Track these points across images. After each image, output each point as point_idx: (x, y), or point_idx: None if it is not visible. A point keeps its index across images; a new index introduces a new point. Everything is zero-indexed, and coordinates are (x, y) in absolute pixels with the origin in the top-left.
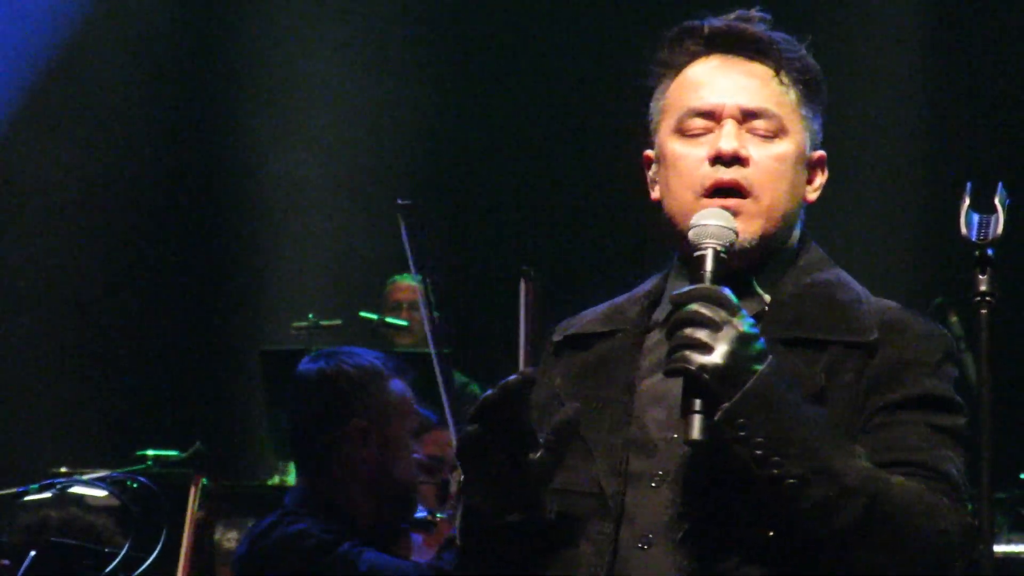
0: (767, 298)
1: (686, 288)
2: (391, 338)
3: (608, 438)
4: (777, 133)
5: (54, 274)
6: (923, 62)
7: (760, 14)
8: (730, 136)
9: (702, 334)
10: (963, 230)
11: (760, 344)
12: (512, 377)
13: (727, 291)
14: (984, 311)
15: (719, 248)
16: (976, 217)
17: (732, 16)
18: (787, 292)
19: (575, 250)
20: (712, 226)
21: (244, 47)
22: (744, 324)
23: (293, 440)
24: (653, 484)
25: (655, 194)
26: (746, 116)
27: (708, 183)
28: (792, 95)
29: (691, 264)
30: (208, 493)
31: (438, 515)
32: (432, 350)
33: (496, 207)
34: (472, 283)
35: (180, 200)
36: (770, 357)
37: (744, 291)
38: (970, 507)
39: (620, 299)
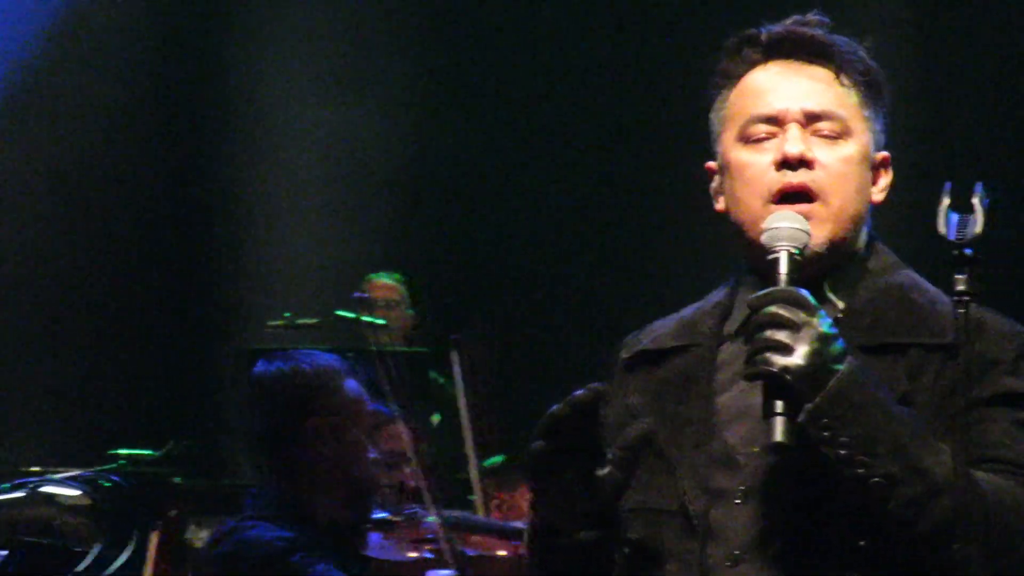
0: (841, 304)
1: (763, 291)
2: (369, 337)
3: (691, 455)
4: (842, 134)
5: (26, 271)
6: (906, 67)
7: (818, 17)
8: (796, 139)
9: (782, 335)
10: (941, 230)
11: (840, 344)
12: (580, 391)
13: (805, 292)
14: (963, 311)
15: (793, 250)
16: (955, 217)
17: (789, 21)
18: (861, 297)
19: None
20: (785, 228)
21: (225, 54)
22: (824, 324)
23: (250, 441)
24: (738, 500)
25: (719, 205)
26: (810, 119)
27: (776, 188)
28: (854, 97)
29: (766, 268)
30: (181, 491)
31: (397, 518)
32: (373, 347)
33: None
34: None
35: (156, 198)
36: (850, 357)
37: (818, 297)
38: None
39: (688, 312)
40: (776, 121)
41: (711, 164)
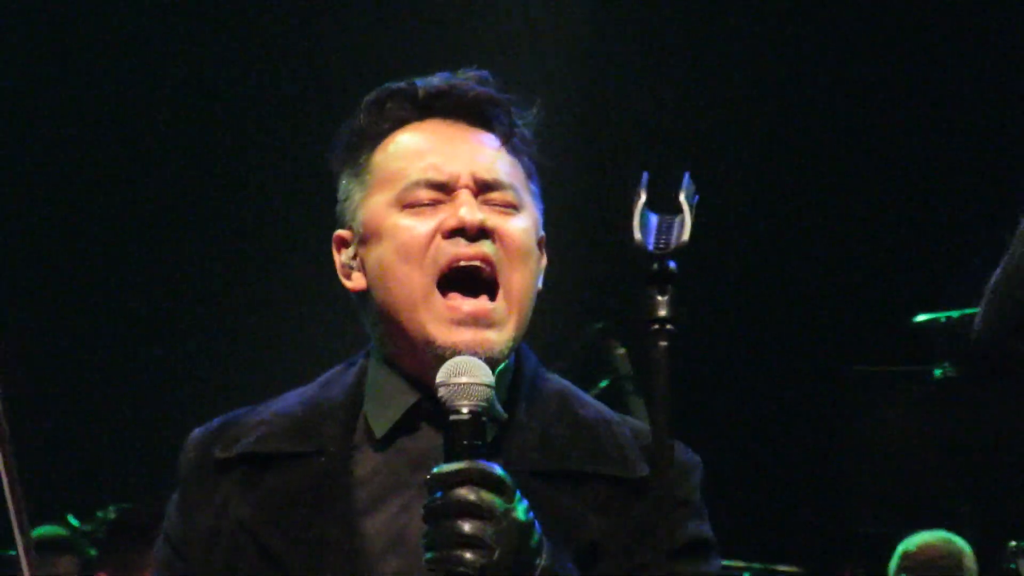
0: (503, 415)
1: (450, 466)
2: None
3: None
4: (515, 207)
5: None
6: (582, 54)
7: (478, 74)
8: (472, 205)
9: (478, 529)
10: (636, 235)
11: (538, 533)
12: None
13: (499, 471)
14: (663, 343)
15: (478, 410)
16: (654, 219)
17: (442, 76)
18: (522, 408)
19: None
20: (465, 385)
21: None
22: (521, 511)
23: None
24: None
25: (353, 282)
26: (481, 188)
27: (444, 260)
28: (521, 167)
29: (415, 364)
30: None
31: None
32: None
33: None
34: None
35: None
36: (547, 545)
37: None
38: None
39: (293, 406)
40: (444, 187)
41: (342, 233)
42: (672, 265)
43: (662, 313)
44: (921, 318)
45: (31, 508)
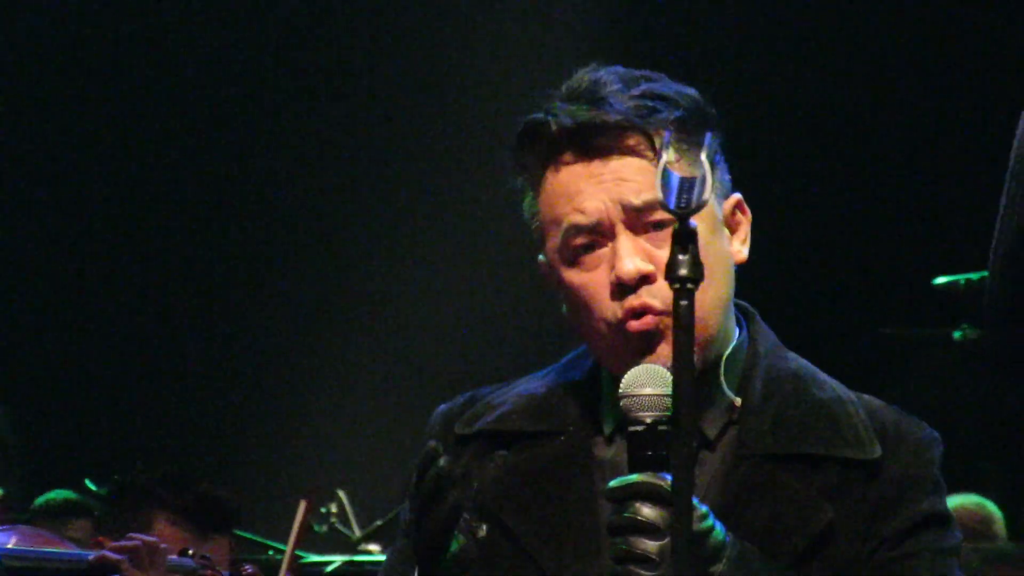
0: (737, 401)
1: (621, 481)
2: None
3: (574, 568)
4: None
5: None
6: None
7: (609, 77)
8: (628, 253)
9: (645, 545)
10: (659, 194)
11: (717, 537)
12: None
13: (670, 480)
14: (684, 302)
15: (659, 418)
16: (675, 178)
17: (582, 87)
18: (757, 391)
19: None
20: (647, 396)
21: None
22: (695, 519)
23: None
24: None
25: (564, 310)
26: (636, 215)
27: (621, 315)
28: (682, 159)
29: (627, 440)
30: None
31: None
32: None
33: None
34: None
35: None
36: (729, 548)
37: (712, 393)
38: None
39: (536, 387)
40: (596, 229)
41: (543, 260)
42: (692, 224)
43: (683, 272)
44: (941, 280)
45: (56, 472)
